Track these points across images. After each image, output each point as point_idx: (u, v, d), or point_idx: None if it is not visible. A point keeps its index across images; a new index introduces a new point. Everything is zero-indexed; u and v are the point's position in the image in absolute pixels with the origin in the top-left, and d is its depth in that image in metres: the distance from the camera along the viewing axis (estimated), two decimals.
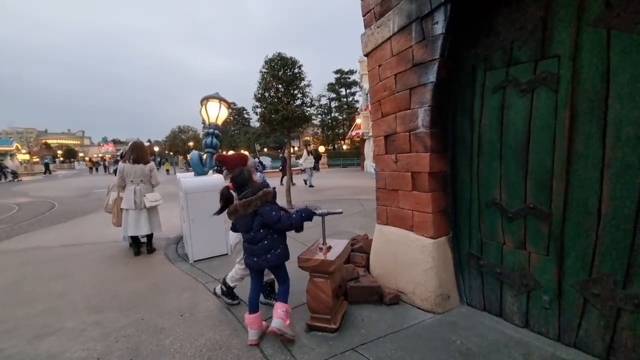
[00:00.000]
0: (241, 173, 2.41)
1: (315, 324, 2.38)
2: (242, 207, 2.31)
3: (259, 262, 2.34)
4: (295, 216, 2.35)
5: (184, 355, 2.20)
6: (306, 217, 2.38)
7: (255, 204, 2.29)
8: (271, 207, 2.33)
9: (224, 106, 5.11)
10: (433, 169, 2.60)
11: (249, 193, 2.34)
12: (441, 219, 2.67)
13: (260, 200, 2.31)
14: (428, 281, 2.60)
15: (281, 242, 2.41)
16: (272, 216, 2.29)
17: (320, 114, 42.38)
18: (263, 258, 2.33)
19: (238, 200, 2.39)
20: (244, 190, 2.37)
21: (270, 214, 2.30)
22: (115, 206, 4.66)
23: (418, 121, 2.63)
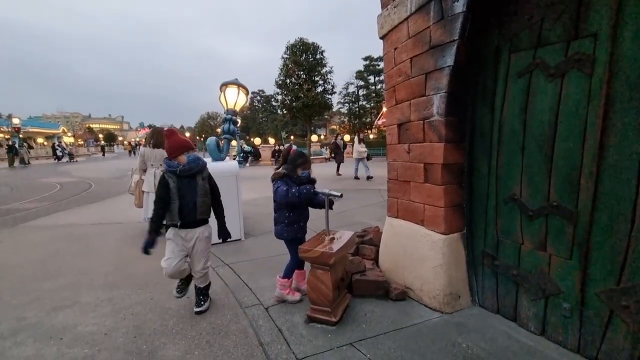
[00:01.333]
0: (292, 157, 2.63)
1: (315, 316, 2.33)
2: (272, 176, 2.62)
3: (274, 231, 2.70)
4: (292, 192, 2.42)
5: (184, 337, 2.24)
6: (305, 195, 2.43)
7: (272, 176, 2.59)
8: (276, 182, 2.54)
9: (242, 92, 5.09)
10: (447, 161, 2.42)
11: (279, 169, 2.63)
12: (454, 214, 2.50)
13: (273, 176, 2.59)
14: (437, 279, 2.46)
15: (286, 218, 2.57)
16: (274, 191, 2.53)
17: (348, 102, 41.75)
18: (274, 228, 2.68)
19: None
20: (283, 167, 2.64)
21: (274, 188, 2.54)
22: (137, 188, 4.84)
23: (433, 109, 2.45)
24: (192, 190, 2.39)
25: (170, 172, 2.37)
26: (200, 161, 2.48)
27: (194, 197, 2.40)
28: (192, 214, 2.40)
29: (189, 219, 2.41)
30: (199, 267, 2.54)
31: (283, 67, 6.22)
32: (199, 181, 2.44)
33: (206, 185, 2.49)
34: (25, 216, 6.68)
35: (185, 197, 2.37)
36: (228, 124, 4.96)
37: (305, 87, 6.21)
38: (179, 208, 2.35)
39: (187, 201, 2.37)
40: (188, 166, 2.39)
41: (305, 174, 2.60)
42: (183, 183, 2.37)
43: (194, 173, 2.42)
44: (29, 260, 3.97)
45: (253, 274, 3.25)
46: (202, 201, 2.44)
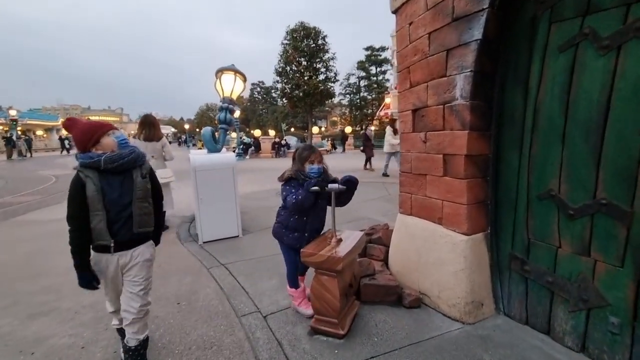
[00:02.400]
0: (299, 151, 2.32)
1: (320, 327, 2.06)
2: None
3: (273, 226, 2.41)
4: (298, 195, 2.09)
5: (170, 352, 1.97)
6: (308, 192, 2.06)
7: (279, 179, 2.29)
8: (283, 188, 2.24)
9: (239, 79, 4.75)
10: (471, 151, 2.11)
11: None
12: (478, 212, 2.20)
13: (280, 178, 2.27)
14: (458, 285, 2.18)
15: (285, 218, 2.27)
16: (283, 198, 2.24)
17: (349, 94, 41.12)
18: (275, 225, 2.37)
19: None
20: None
21: (282, 195, 2.23)
22: None
23: (455, 91, 2.12)
24: (125, 193, 1.63)
25: (88, 167, 1.55)
26: (136, 149, 1.72)
27: (128, 202, 1.63)
28: (126, 227, 1.62)
29: (123, 236, 1.63)
30: (135, 306, 1.70)
31: (283, 54, 5.85)
32: (137, 178, 1.67)
33: (147, 185, 1.72)
34: (16, 210, 6.42)
35: (116, 203, 1.59)
36: (224, 113, 4.63)
37: (306, 74, 5.85)
38: (107, 221, 1.57)
39: (118, 209, 1.60)
40: (118, 154, 1.60)
41: (314, 169, 2.18)
42: (110, 182, 1.59)
43: (127, 166, 1.64)
44: (12, 259, 3.71)
45: (250, 276, 2.97)
46: (141, 207, 1.66)
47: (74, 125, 1.68)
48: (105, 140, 1.63)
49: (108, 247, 1.62)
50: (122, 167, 1.63)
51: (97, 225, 1.56)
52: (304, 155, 2.22)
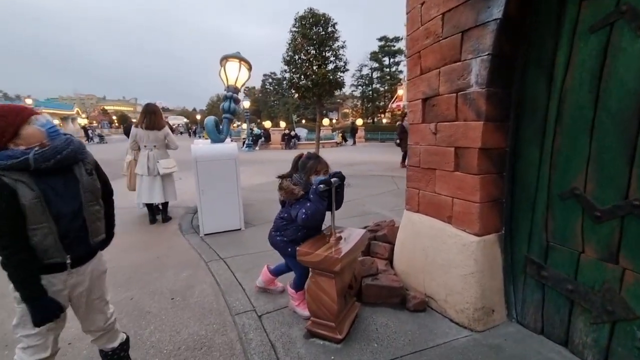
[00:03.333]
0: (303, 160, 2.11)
1: (317, 331, 1.93)
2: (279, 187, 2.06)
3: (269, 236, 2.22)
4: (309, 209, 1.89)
5: (159, 352, 1.88)
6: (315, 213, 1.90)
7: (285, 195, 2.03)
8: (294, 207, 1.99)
9: (244, 67, 4.60)
10: (486, 144, 1.92)
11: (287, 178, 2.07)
12: (491, 211, 2.02)
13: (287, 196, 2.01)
14: (467, 289, 2.01)
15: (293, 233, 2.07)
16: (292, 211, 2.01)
17: (361, 85, 40.50)
18: (272, 233, 2.20)
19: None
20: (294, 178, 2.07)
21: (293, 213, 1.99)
22: (129, 170, 4.49)
23: (470, 77, 1.93)
24: (72, 196, 1.29)
25: (13, 169, 1.17)
26: (73, 137, 1.35)
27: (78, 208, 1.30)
28: (80, 239, 1.32)
29: (78, 251, 1.33)
30: (102, 320, 1.51)
31: (291, 42, 5.67)
32: (82, 176, 1.33)
33: (96, 183, 1.40)
34: None
35: (64, 211, 1.26)
36: (229, 102, 4.50)
37: (315, 63, 5.67)
38: (59, 234, 1.25)
39: (68, 219, 1.27)
40: (52, 148, 1.24)
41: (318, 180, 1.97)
42: (52, 185, 1.25)
43: (67, 162, 1.29)
44: None
45: (249, 272, 2.86)
46: (93, 212, 1.36)
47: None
48: (27, 131, 1.22)
49: (61, 264, 1.28)
50: (61, 164, 1.26)
51: (43, 242, 1.21)
52: (310, 166, 2.03)
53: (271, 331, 2.03)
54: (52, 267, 1.28)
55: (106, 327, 1.54)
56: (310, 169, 2.02)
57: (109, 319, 1.56)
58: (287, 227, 2.08)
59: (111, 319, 1.58)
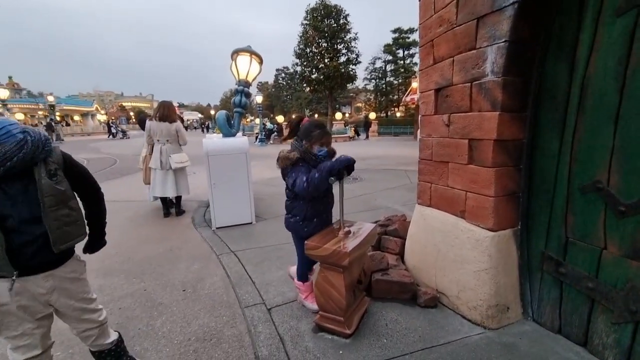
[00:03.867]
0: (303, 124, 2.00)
1: (325, 325, 1.91)
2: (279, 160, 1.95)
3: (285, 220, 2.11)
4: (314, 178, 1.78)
5: (170, 342, 1.91)
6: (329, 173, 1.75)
7: (280, 163, 1.93)
8: (291, 173, 1.90)
9: (255, 61, 4.58)
10: (502, 135, 1.84)
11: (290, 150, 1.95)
12: (507, 206, 1.94)
13: (282, 162, 1.91)
14: (480, 286, 1.95)
15: (305, 211, 1.97)
16: (290, 183, 1.91)
17: (374, 79, 39.97)
18: (285, 217, 2.10)
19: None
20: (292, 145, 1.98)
21: (290, 180, 1.91)
22: (144, 164, 4.57)
23: (486, 66, 1.84)
24: (30, 202, 1.19)
25: None
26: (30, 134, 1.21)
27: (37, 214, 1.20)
28: (41, 249, 1.22)
29: (36, 260, 1.23)
30: (90, 322, 1.45)
31: (302, 35, 5.59)
32: (41, 179, 1.21)
33: (60, 185, 1.26)
34: None
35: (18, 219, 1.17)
36: (240, 96, 4.50)
37: (326, 56, 5.58)
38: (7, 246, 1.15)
39: (24, 228, 1.18)
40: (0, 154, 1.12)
41: (324, 152, 1.93)
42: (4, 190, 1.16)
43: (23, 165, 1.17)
44: None
45: (259, 265, 2.88)
46: (58, 217, 1.25)
47: None
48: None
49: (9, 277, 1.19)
50: (13, 171, 1.14)
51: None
52: (316, 135, 1.90)
53: (280, 324, 2.03)
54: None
55: (97, 325, 1.49)
56: (315, 139, 1.90)
57: (99, 317, 1.50)
58: (294, 204, 2.00)
59: (102, 318, 1.52)
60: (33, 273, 1.24)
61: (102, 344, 1.54)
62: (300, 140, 1.94)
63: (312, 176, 1.79)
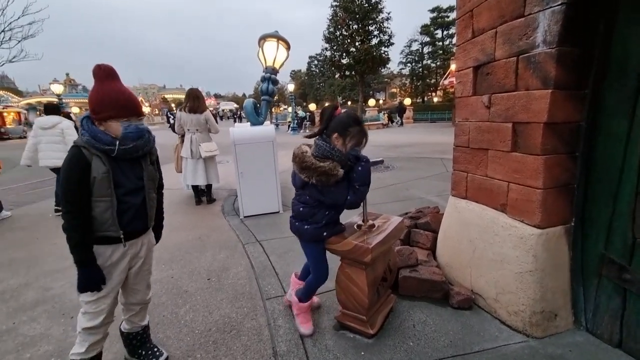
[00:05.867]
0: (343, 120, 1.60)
1: (347, 323, 1.81)
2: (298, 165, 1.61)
3: (292, 225, 1.80)
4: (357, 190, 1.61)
5: (191, 331, 1.91)
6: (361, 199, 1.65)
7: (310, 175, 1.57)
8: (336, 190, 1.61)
9: (282, 47, 4.46)
10: (554, 117, 1.57)
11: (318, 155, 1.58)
12: (558, 199, 1.68)
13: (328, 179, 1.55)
14: (523, 289, 1.73)
15: (326, 218, 1.68)
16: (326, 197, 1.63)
17: (410, 62, 38.29)
18: (296, 224, 1.75)
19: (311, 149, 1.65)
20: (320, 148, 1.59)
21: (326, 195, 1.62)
22: (176, 153, 4.70)
23: (536, 35, 1.57)
24: (136, 180, 1.42)
25: (99, 149, 1.31)
26: (147, 133, 1.45)
27: (140, 191, 1.43)
28: (137, 219, 1.43)
29: (135, 227, 1.44)
30: (144, 298, 1.61)
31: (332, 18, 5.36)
32: (147, 166, 1.47)
33: (156, 173, 1.55)
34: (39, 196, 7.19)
35: (127, 190, 1.38)
36: (267, 84, 4.43)
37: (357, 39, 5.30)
38: (118, 211, 1.35)
39: (129, 198, 1.39)
40: (133, 147, 1.36)
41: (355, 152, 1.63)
42: (120, 166, 1.37)
43: (140, 154, 1.41)
44: None
45: (284, 256, 2.83)
46: (151, 198, 1.50)
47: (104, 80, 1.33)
48: (113, 124, 1.33)
49: (119, 238, 1.38)
50: (135, 155, 1.40)
51: (103, 214, 1.32)
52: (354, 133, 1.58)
53: None
54: (105, 239, 1.37)
55: (147, 300, 1.64)
56: (354, 136, 1.57)
57: (149, 293, 1.66)
58: (315, 212, 1.67)
59: (151, 293, 1.67)
60: (130, 238, 1.44)
61: (136, 324, 1.63)
62: (328, 136, 1.61)
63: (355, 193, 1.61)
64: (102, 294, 1.39)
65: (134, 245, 1.47)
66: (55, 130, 4.25)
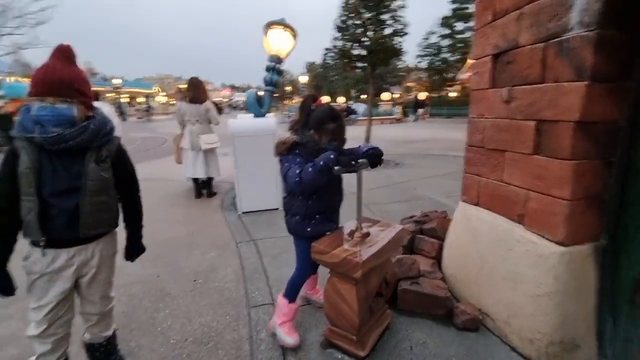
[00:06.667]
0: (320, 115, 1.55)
1: (335, 342, 1.61)
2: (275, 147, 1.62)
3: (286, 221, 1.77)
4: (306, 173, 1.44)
5: (166, 341, 1.76)
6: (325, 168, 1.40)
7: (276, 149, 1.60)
8: (285, 159, 1.57)
9: (289, 34, 4.23)
10: (588, 115, 1.31)
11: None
12: (587, 212, 1.43)
13: (277, 149, 1.59)
14: (540, 314, 1.49)
15: (305, 208, 1.62)
16: (283, 175, 1.57)
17: (427, 55, 37.22)
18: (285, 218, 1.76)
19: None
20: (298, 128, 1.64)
21: (282, 171, 1.57)
22: (176, 144, 4.56)
23: (571, 15, 1.31)
24: (71, 179, 1.19)
25: (24, 139, 1.14)
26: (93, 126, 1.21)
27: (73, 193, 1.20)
28: (69, 225, 1.20)
29: (65, 234, 1.22)
30: (99, 306, 1.40)
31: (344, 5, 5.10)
32: (90, 163, 1.22)
33: (103, 173, 1.25)
34: None
35: (53, 191, 1.17)
36: (270, 73, 4.20)
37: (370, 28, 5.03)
38: (39, 213, 1.15)
39: (58, 200, 1.17)
40: (55, 132, 1.12)
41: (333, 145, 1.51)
42: (51, 163, 1.17)
43: (76, 147, 1.18)
44: None
45: (277, 257, 2.65)
46: (91, 203, 1.23)
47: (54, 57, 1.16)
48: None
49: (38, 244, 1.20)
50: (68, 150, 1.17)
51: (26, 216, 1.16)
52: (329, 129, 1.52)
53: None
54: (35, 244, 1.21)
55: (105, 312, 1.45)
56: (328, 132, 1.52)
57: (109, 303, 1.47)
58: (292, 202, 1.65)
59: (111, 304, 1.49)
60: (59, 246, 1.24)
61: (96, 335, 1.46)
62: (307, 129, 1.56)
63: (305, 170, 1.44)
64: (42, 302, 1.23)
65: (82, 252, 1.28)
66: None
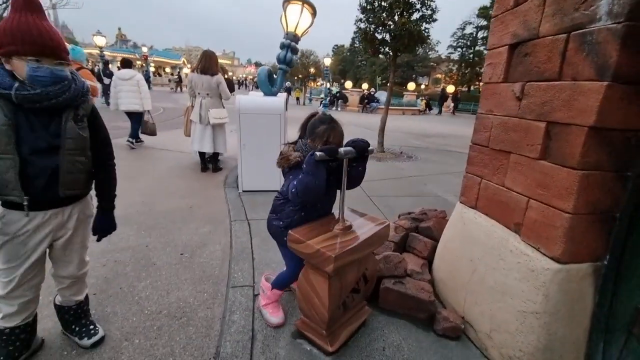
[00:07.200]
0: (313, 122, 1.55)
1: (306, 333, 1.57)
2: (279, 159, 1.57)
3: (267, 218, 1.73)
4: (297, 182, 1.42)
5: (140, 311, 1.76)
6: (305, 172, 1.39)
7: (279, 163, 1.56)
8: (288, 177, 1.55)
9: (307, 11, 4.05)
10: (605, 121, 1.15)
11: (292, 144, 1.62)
12: (590, 229, 1.28)
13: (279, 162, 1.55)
14: (524, 332, 1.39)
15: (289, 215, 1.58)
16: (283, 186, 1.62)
17: (461, 47, 35.63)
18: (269, 217, 1.72)
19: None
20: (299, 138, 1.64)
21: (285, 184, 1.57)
22: (186, 116, 4.55)
23: (599, 4, 1.13)
24: (51, 137, 1.18)
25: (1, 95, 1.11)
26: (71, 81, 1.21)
27: (53, 152, 1.19)
28: (49, 185, 1.20)
29: (44, 195, 1.20)
30: (72, 269, 1.41)
31: None
32: (67, 121, 1.21)
33: (81, 132, 1.24)
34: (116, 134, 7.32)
35: (33, 149, 1.15)
36: (285, 51, 4.07)
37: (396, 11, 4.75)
38: (19, 171, 1.12)
39: (38, 159, 1.16)
40: (39, 90, 1.12)
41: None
42: (28, 121, 1.15)
43: (57, 106, 1.18)
44: None
45: (267, 239, 2.56)
46: (70, 162, 1.22)
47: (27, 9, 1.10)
48: (17, 63, 1.10)
49: (20, 204, 1.17)
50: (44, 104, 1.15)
51: (3, 175, 1.12)
52: (320, 132, 1.50)
53: (259, 316, 1.75)
54: (17, 205, 1.19)
55: (79, 275, 1.46)
56: (319, 135, 1.49)
57: (83, 268, 1.48)
58: (284, 206, 1.60)
59: (85, 268, 1.50)
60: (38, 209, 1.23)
61: (67, 298, 1.48)
62: (306, 139, 1.56)
63: (299, 179, 1.40)
64: (12, 264, 1.24)
65: (58, 215, 1.28)
66: (132, 81, 5.26)
